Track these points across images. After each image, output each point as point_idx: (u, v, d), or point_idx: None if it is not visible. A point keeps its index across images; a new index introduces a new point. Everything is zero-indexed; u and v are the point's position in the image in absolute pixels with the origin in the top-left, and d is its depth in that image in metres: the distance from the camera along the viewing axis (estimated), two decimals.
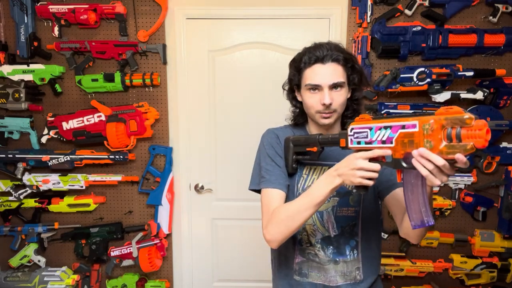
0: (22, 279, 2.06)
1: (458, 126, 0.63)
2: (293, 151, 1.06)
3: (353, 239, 1.08)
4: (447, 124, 0.65)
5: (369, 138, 0.82)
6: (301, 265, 1.10)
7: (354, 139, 0.87)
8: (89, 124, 2.03)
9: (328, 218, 1.07)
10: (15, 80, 2.02)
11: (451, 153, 0.65)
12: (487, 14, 1.99)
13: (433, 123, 0.67)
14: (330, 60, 1.01)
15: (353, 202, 1.07)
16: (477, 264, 2.08)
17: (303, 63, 1.04)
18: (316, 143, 0.99)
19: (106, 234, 2.13)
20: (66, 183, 2.08)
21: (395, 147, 0.76)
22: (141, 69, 2.09)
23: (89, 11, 1.97)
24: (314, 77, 1.02)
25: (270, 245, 1.03)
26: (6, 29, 2.06)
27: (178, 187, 2.21)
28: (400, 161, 0.76)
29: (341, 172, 0.86)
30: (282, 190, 1.05)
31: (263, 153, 1.11)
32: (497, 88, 1.99)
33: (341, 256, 1.07)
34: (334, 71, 1.01)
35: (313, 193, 0.92)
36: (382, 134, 0.79)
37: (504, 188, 2.03)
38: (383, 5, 2.01)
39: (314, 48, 1.04)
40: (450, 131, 0.65)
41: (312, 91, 1.03)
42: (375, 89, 1.98)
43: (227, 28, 2.12)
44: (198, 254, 2.28)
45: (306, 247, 1.09)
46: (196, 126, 2.18)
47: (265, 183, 1.06)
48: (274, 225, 0.99)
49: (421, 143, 0.70)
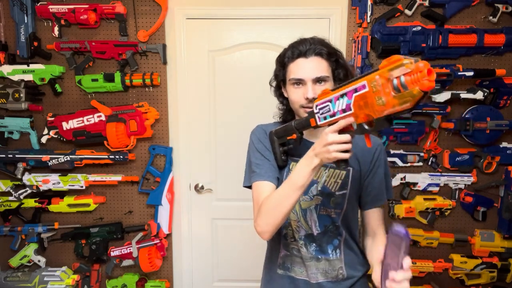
0: (22, 279, 2.06)
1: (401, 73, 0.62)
2: (278, 143, 1.06)
3: (336, 239, 1.09)
4: (391, 76, 0.64)
5: (332, 111, 0.82)
6: (285, 259, 1.12)
7: (320, 115, 0.86)
8: (89, 124, 2.03)
9: (311, 216, 1.07)
10: (15, 80, 2.02)
11: (403, 102, 0.63)
12: (487, 14, 1.99)
13: (379, 79, 0.66)
14: (313, 54, 1.00)
15: (334, 204, 1.07)
16: (477, 264, 2.08)
17: (287, 58, 1.04)
18: (294, 129, 0.99)
19: (106, 234, 2.13)
20: (66, 183, 2.08)
21: (355, 112, 0.75)
22: (141, 69, 2.09)
23: (89, 11, 1.97)
24: (297, 71, 1.01)
25: (261, 237, 1.02)
26: (6, 29, 2.06)
27: (178, 187, 2.21)
28: (363, 125, 0.75)
29: (317, 152, 0.85)
30: (272, 182, 1.05)
31: (253, 149, 1.12)
32: (497, 88, 1.99)
33: (324, 254, 1.08)
34: (317, 65, 1.00)
35: (293, 177, 0.92)
36: (341, 103, 0.79)
37: (504, 188, 2.03)
38: (383, 5, 2.01)
39: (297, 43, 1.04)
40: (396, 82, 0.63)
41: (296, 86, 1.02)
42: None
43: (227, 28, 2.12)
44: (198, 254, 2.28)
45: (290, 241, 1.10)
46: (196, 126, 2.18)
47: (255, 176, 1.07)
48: (263, 216, 0.99)
49: (374, 102, 0.69)
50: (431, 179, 2.07)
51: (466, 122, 1.98)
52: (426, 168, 2.11)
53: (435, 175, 2.07)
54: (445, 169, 2.09)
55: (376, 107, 0.69)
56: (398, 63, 0.63)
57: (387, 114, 0.69)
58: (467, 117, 2.01)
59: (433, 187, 2.08)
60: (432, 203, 2.06)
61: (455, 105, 2.04)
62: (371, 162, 1.07)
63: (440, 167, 2.09)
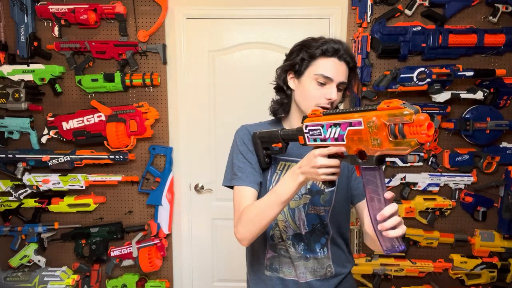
0: (22, 279, 2.06)
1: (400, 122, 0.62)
2: (262, 147, 1.04)
3: (323, 237, 1.09)
4: (389, 121, 0.64)
5: (323, 136, 0.81)
6: (272, 260, 1.11)
7: (310, 136, 0.85)
8: (89, 124, 2.03)
9: (299, 215, 1.07)
10: (15, 80, 2.02)
11: (399, 149, 0.63)
12: (487, 14, 2.00)
13: (376, 120, 0.66)
14: (344, 59, 1.00)
15: (323, 201, 1.07)
16: (477, 264, 2.08)
17: (320, 51, 1.00)
18: (279, 139, 0.97)
19: (106, 234, 2.13)
20: (66, 183, 2.08)
21: (348, 144, 0.75)
22: (141, 69, 2.09)
23: (89, 11, 1.97)
24: (330, 70, 0.99)
25: (241, 244, 1.03)
26: (6, 29, 2.06)
27: (178, 187, 2.21)
28: (355, 157, 0.75)
29: (304, 170, 0.85)
30: (253, 187, 1.04)
31: (236, 150, 1.11)
32: (497, 88, 1.99)
33: (312, 253, 1.08)
34: (345, 71, 1.01)
35: (279, 190, 0.91)
36: (333, 131, 0.78)
37: (504, 188, 2.03)
38: (383, 5, 2.01)
39: (332, 41, 1.01)
40: (393, 128, 0.63)
41: (320, 84, 1.00)
42: (375, 89, 1.98)
43: (227, 28, 2.12)
44: (198, 254, 2.28)
45: (278, 242, 1.09)
46: (196, 126, 2.18)
47: (237, 180, 1.06)
48: (243, 224, 0.99)
49: (369, 141, 0.69)
50: (431, 179, 2.07)
51: (466, 122, 1.98)
52: (426, 168, 2.11)
53: (435, 175, 2.07)
54: (445, 169, 2.09)
55: (371, 147, 0.69)
56: (398, 112, 0.62)
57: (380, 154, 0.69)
58: (467, 117, 2.01)
59: (433, 187, 2.08)
60: (432, 203, 2.06)
61: (455, 105, 2.04)
62: None
63: (440, 167, 2.09)
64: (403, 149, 0.63)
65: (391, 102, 0.65)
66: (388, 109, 0.65)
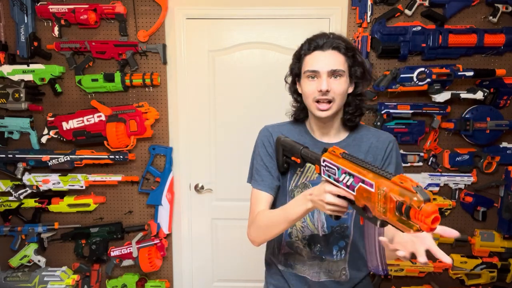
0: (22, 279, 2.06)
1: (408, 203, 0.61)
2: (283, 153, 1.06)
3: (343, 240, 1.08)
4: (397, 198, 0.64)
5: (337, 177, 0.81)
6: (287, 257, 1.13)
7: (325, 171, 0.85)
8: (89, 124, 2.03)
9: (318, 217, 1.07)
10: (15, 80, 2.02)
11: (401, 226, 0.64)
12: (487, 14, 1.99)
13: (387, 191, 0.66)
14: (330, 47, 0.99)
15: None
16: (477, 264, 2.08)
17: (303, 51, 1.03)
18: (299, 155, 0.98)
19: (106, 234, 2.13)
20: (66, 183, 2.08)
21: (357, 196, 0.76)
22: (141, 69, 2.09)
23: (89, 11, 1.97)
24: (313, 63, 1.00)
25: (252, 244, 1.09)
26: (6, 29, 2.06)
27: (178, 187, 2.21)
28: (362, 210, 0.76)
29: (313, 199, 0.86)
30: (268, 192, 1.08)
31: (256, 152, 1.14)
32: (497, 88, 1.99)
33: (328, 255, 1.08)
34: (334, 58, 0.99)
35: (288, 210, 0.95)
36: (346, 179, 0.78)
37: (504, 188, 2.03)
38: (383, 5, 2.01)
39: (315, 36, 1.03)
40: (401, 206, 0.63)
41: (311, 79, 1.01)
42: (375, 89, 1.98)
43: (227, 28, 2.12)
44: (198, 254, 2.28)
45: (294, 240, 1.11)
46: (196, 126, 2.18)
47: (254, 183, 1.11)
48: (255, 229, 1.05)
49: (376, 205, 0.69)
50: (431, 179, 2.07)
51: (466, 122, 1.98)
52: (426, 168, 2.11)
53: (435, 175, 2.07)
54: (445, 169, 2.09)
55: (376, 211, 0.70)
56: (408, 193, 0.62)
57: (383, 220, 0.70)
58: (467, 117, 2.01)
59: (433, 187, 2.08)
60: None
61: (455, 105, 2.04)
62: (383, 159, 1.07)
63: (440, 167, 2.09)
64: (404, 228, 0.64)
65: (406, 180, 0.64)
66: (400, 186, 0.64)
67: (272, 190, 1.08)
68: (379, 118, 1.99)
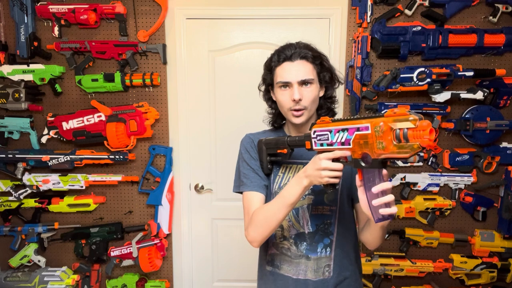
0: (22, 279, 2.06)
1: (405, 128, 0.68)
2: (266, 153, 1.10)
3: (327, 237, 1.10)
4: (394, 126, 0.70)
5: (330, 140, 0.86)
6: (274, 257, 1.14)
7: (317, 141, 0.90)
8: (89, 124, 2.03)
9: (303, 215, 1.10)
10: (15, 80, 2.02)
11: (401, 152, 0.69)
12: (487, 14, 1.99)
13: (383, 125, 0.72)
14: (298, 57, 1.05)
15: (328, 200, 1.09)
16: (477, 264, 2.08)
17: (274, 62, 1.09)
18: (285, 145, 1.03)
19: (106, 234, 2.13)
20: (66, 183, 2.08)
21: (353, 148, 0.81)
22: (141, 69, 2.09)
23: (89, 11, 1.97)
24: (283, 75, 1.06)
25: (252, 245, 1.08)
26: (6, 29, 2.06)
27: (178, 187, 2.21)
28: (359, 161, 0.80)
29: (308, 173, 0.91)
30: (260, 191, 1.10)
31: (241, 158, 1.18)
32: (497, 88, 1.99)
33: (313, 253, 1.09)
34: (302, 68, 1.05)
35: (285, 194, 0.97)
36: (340, 136, 0.83)
37: (504, 188, 2.03)
38: (383, 5, 2.01)
39: (283, 48, 1.08)
40: (398, 132, 0.69)
41: (283, 89, 1.07)
42: (375, 89, 1.98)
43: (227, 28, 2.12)
44: (198, 254, 2.28)
45: (279, 241, 1.13)
46: (196, 126, 2.18)
47: (244, 187, 1.13)
48: (253, 227, 1.04)
49: (374, 144, 0.74)
50: (431, 179, 2.07)
51: (466, 122, 1.98)
52: (426, 168, 2.11)
53: (435, 175, 2.07)
54: (445, 169, 2.09)
55: (376, 150, 0.74)
56: (404, 117, 0.68)
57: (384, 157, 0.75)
58: (467, 117, 2.01)
59: (433, 187, 2.08)
60: (432, 203, 2.06)
61: (455, 105, 2.04)
62: None
63: (440, 167, 2.09)
64: (406, 152, 0.68)
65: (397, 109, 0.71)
66: (394, 115, 0.70)
67: (262, 189, 1.11)
68: None
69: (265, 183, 1.12)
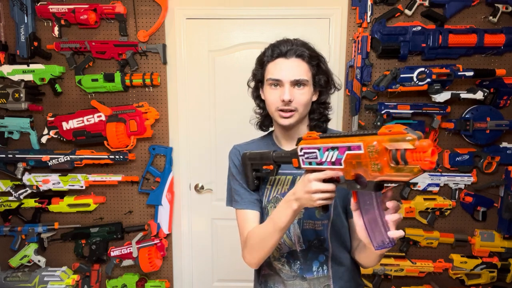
0: (22, 279, 2.06)
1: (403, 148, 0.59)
2: (251, 168, 1.01)
3: (322, 254, 1.01)
4: (390, 146, 0.61)
5: (319, 159, 0.76)
6: (267, 278, 1.07)
7: (305, 159, 0.80)
8: (89, 124, 2.03)
9: (294, 231, 1.01)
10: (15, 80, 2.02)
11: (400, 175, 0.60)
12: (487, 14, 1.99)
13: (377, 145, 0.63)
14: (294, 55, 0.96)
15: (319, 215, 1.00)
16: (477, 264, 2.08)
17: (266, 57, 1.00)
18: (271, 161, 0.93)
19: (106, 234, 2.13)
20: (66, 183, 2.08)
21: (345, 168, 0.72)
22: (141, 69, 2.09)
23: (89, 11, 1.97)
24: (275, 72, 0.97)
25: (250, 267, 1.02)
26: (6, 29, 2.06)
27: (178, 187, 2.21)
28: (353, 182, 0.71)
29: (298, 196, 0.82)
30: (252, 208, 1.03)
31: (229, 173, 1.10)
32: (497, 88, 1.99)
33: (309, 273, 1.01)
34: (297, 67, 0.96)
35: (275, 218, 0.89)
36: (330, 155, 0.74)
37: (504, 188, 2.03)
38: (383, 5, 2.01)
39: (279, 42, 1.00)
40: (395, 153, 0.60)
41: (273, 87, 0.98)
42: (375, 89, 1.98)
43: (227, 28, 2.12)
44: (198, 254, 2.28)
45: (272, 261, 1.05)
46: (196, 126, 2.18)
47: (237, 204, 1.06)
48: (248, 250, 0.99)
49: (368, 166, 0.66)
50: (431, 179, 2.07)
51: (466, 122, 1.98)
52: None
53: (435, 175, 2.07)
54: (445, 169, 2.09)
55: (370, 172, 0.66)
56: (400, 137, 0.60)
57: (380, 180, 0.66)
58: (467, 117, 2.01)
59: (433, 187, 2.08)
60: (432, 203, 2.06)
61: (455, 105, 2.04)
62: None
63: (440, 167, 2.09)
64: (405, 176, 0.60)
65: (393, 127, 0.62)
66: (389, 134, 0.62)
67: (254, 205, 1.03)
68: (379, 118, 1.99)
69: (256, 197, 1.04)
